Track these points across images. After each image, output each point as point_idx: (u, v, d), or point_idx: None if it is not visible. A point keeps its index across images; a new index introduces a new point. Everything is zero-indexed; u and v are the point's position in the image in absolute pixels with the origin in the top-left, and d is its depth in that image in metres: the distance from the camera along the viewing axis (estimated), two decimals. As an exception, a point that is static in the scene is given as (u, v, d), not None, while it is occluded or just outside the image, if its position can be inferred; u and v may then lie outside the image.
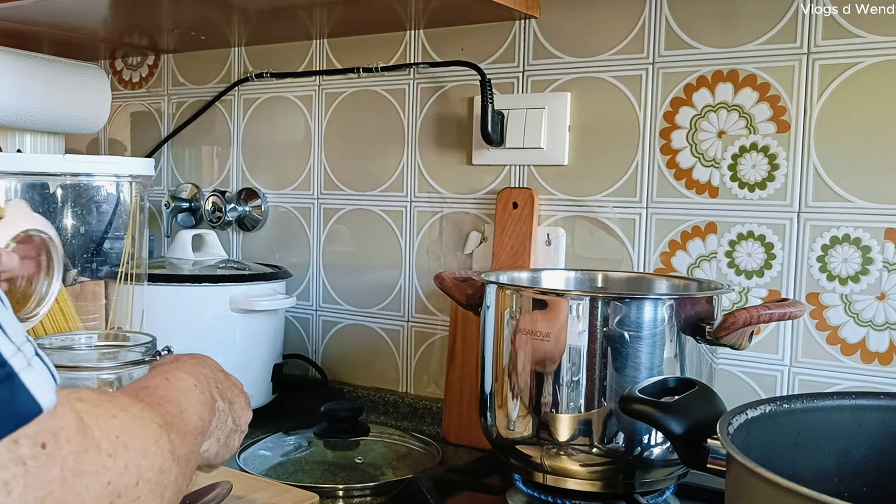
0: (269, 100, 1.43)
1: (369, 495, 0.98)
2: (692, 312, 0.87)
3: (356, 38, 1.33)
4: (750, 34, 1.03)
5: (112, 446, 0.46)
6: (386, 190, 1.31)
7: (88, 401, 0.48)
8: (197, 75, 1.52)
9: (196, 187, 1.51)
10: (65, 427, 0.42)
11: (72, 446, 0.42)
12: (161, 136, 1.57)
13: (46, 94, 1.31)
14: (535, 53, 1.17)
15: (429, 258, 1.28)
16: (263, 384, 1.26)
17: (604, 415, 0.85)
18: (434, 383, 1.28)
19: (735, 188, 1.05)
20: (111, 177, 1.05)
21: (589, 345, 0.85)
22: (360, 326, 1.36)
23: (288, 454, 1.10)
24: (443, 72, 1.25)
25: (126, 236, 1.05)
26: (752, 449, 0.61)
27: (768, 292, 1.03)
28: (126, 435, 0.48)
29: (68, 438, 0.42)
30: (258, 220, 1.44)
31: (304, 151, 1.40)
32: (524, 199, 1.17)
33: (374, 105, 1.32)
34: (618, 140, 1.12)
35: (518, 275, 1.07)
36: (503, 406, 0.92)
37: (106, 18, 1.30)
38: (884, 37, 0.95)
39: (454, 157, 1.25)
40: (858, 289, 0.98)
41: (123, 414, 0.50)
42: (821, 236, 1.00)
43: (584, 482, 0.89)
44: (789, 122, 1.01)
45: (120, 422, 0.49)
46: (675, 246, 1.09)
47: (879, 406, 0.72)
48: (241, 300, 1.22)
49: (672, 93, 1.08)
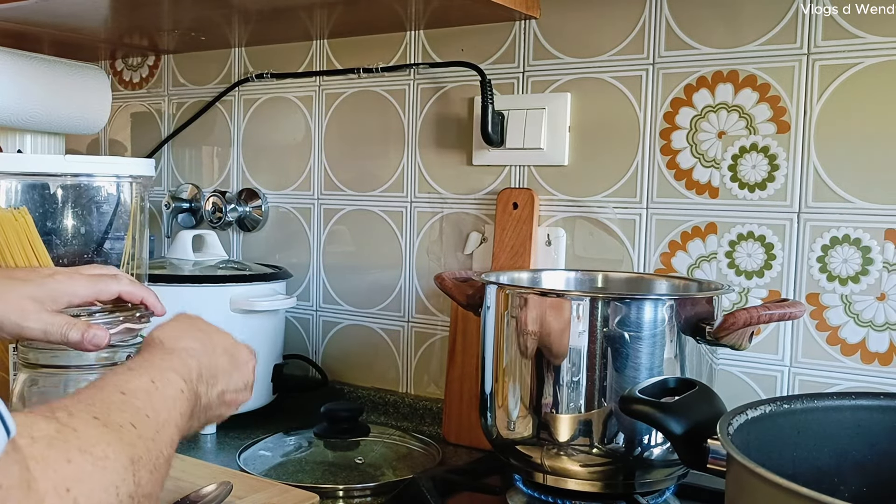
0: (269, 100, 1.43)
1: (369, 496, 0.98)
2: (692, 313, 0.87)
3: (356, 39, 1.33)
4: (750, 35, 1.03)
5: (60, 503, 0.42)
6: (386, 190, 1.31)
7: (42, 440, 0.44)
8: (197, 76, 1.52)
9: (196, 188, 1.51)
10: (2, 484, 0.38)
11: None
12: (161, 137, 1.57)
13: (47, 95, 1.31)
14: (536, 54, 1.17)
15: (429, 258, 1.28)
16: (264, 384, 1.26)
17: (604, 415, 0.86)
18: (434, 384, 1.28)
19: (735, 189, 1.05)
20: (111, 177, 1.05)
21: (589, 345, 0.85)
22: (361, 327, 1.36)
23: (288, 454, 1.10)
24: (443, 72, 1.25)
25: (126, 237, 1.05)
26: (752, 449, 0.61)
27: (768, 293, 1.03)
28: (79, 487, 0.44)
29: (5, 498, 0.38)
30: (258, 220, 1.44)
31: (304, 152, 1.40)
32: (524, 200, 1.17)
33: (375, 105, 1.32)
34: (618, 140, 1.12)
35: (518, 275, 1.07)
36: (503, 406, 0.92)
37: (106, 19, 1.30)
38: (884, 37, 0.95)
39: (454, 157, 1.25)
40: (858, 289, 0.98)
41: (82, 458, 0.45)
42: (821, 237, 1.00)
43: (584, 482, 0.89)
44: (789, 122, 1.01)
45: (75, 469, 0.44)
46: (675, 246, 1.09)
47: (879, 406, 0.73)
48: (242, 300, 1.22)
49: (672, 93, 1.08)
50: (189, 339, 0.70)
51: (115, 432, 0.50)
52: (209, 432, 1.21)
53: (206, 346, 0.70)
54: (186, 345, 0.68)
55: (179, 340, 0.69)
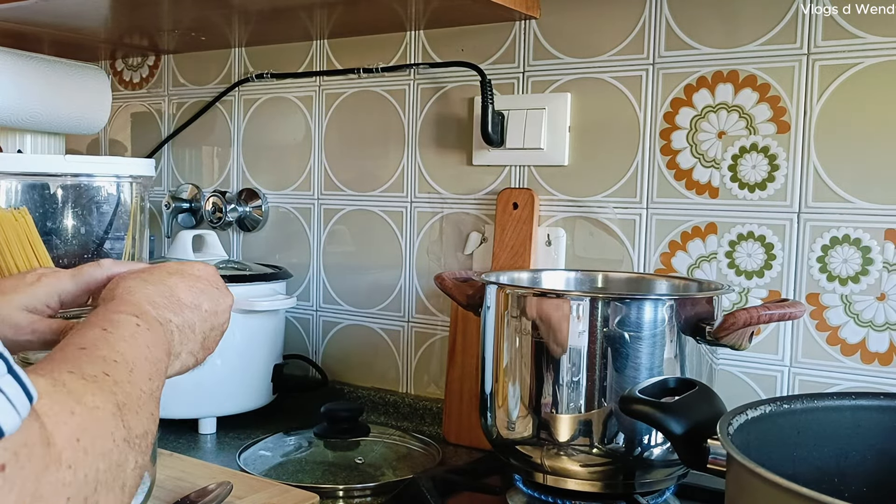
0: (269, 100, 1.43)
1: (369, 496, 0.98)
2: (692, 313, 0.87)
3: (356, 39, 1.33)
4: (750, 35, 1.03)
5: (73, 455, 0.43)
6: (386, 190, 1.31)
7: (46, 396, 0.44)
8: (197, 76, 1.52)
9: (196, 188, 1.51)
10: (27, 443, 0.39)
11: (33, 465, 0.40)
12: (161, 137, 1.57)
13: (47, 95, 1.31)
14: (536, 54, 1.17)
15: (429, 259, 1.28)
16: (264, 384, 1.26)
17: (604, 415, 0.86)
18: (434, 384, 1.28)
19: (735, 189, 1.05)
20: (111, 177, 1.05)
21: (589, 345, 0.85)
22: (361, 327, 1.36)
23: (288, 454, 1.10)
24: (443, 72, 1.25)
25: (126, 237, 1.05)
26: (752, 449, 0.62)
27: (768, 293, 1.03)
28: (86, 437, 0.45)
29: (30, 456, 0.39)
30: (258, 220, 1.44)
31: (304, 152, 1.40)
32: (524, 200, 1.17)
33: (375, 106, 1.32)
34: (618, 141, 1.12)
35: (518, 275, 1.07)
36: (503, 406, 0.92)
37: (106, 19, 1.30)
38: (884, 37, 0.95)
39: (454, 157, 1.25)
40: (858, 289, 0.98)
41: (80, 409, 0.46)
42: (821, 237, 1.00)
43: (584, 482, 0.89)
44: (789, 122, 1.01)
45: (79, 420, 0.46)
46: (675, 246, 1.09)
47: (879, 406, 0.73)
48: (242, 300, 1.22)
49: (672, 93, 1.08)
50: (127, 281, 0.68)
51: (94, 383, 0.50)
52: (209, 432, 1.21)
53: (145, 279, 0.68)
54: (124, 287, 0.67)
55: (117, 287, 0.67)
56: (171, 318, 0.66)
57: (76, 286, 0.77)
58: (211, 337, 0.71)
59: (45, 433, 0.42)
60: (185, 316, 0.67)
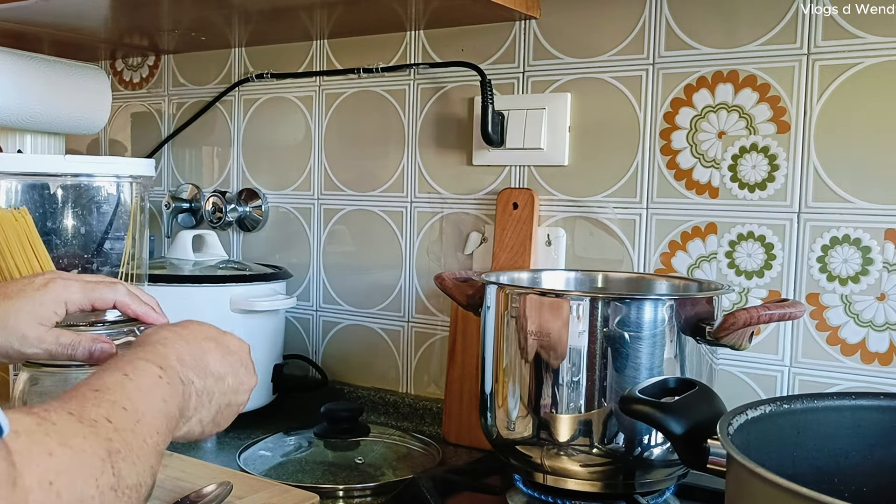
0: (269, 100, 1.43)
1: (369, 496, 0.98)
2: (692, 313, 0.87)
3: (356, 39, 1.33)
4: (750, 35, 1.03)
5: (43, 497, 0.43)
6: (386, 190, 1.31)
7: (25, 434, 0.44)
8: (197, 76, 1.52)
9: (196, 188, 1.51)
10: None
11: None
12: (161, 137, 1.57)
13: (47, 95, 1.31)
14: (536, 54, 1.17)
15: (429, 259, 1.28)
16: (264, 384, 1.26)
17: (604, 415, 0.86)
18: (434, 384, 1.28)
19: (735, 189, 1.05)
20: (111, 177, 1.05)
21: (589, 345, 0.85)
22: (361, 327, 1.36)
23: (288, 454, 1.10)
24: (443, 72, 1.25)
25: (126, 237, 1.05)
26: (752, 449, 0.61)
27: (768, 293, 1.03)
28: (61, 479, 0.44)
29: None
30: (258, 220, 1.44)
31: (304, 152, 1.40)
32: (524, 200, 1.17)
33: (375, 106, 1.32)
34: (618, 141, 1.12)
35: (518, 275, 1.07)
36: (503, 406, 0.92)
37: (106, 19, 1.30)
38: (884, 37, 0.95)
39: (454, 157, 1.25)
40: (858, 289, 0.98)
41: (62, 451, 0.46)
42: (821, 237, 1.00)
43: (584, 482, 0.89)
44: (789, 122, 1.01)
45: (57, 462, 0.45)
46: (675, 246, 1.09)
47: (879, 406, 0.72)
48: (242, 301, 1.22)
49: (672, 93, 1.08)
50: (164, 331, 0.68)
51: (90, 427, 0.50)
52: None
53: (181, 335, 0.68)
54: (160, 337, 0.67)
55: (154, 335, 0.68)
56: (194, 379, 0.66)
57: (84, 297, 0.76)
58: (225, 413, 0.70)
59: (12, 472, 0.41)
60: (207, 383, 0.67)
